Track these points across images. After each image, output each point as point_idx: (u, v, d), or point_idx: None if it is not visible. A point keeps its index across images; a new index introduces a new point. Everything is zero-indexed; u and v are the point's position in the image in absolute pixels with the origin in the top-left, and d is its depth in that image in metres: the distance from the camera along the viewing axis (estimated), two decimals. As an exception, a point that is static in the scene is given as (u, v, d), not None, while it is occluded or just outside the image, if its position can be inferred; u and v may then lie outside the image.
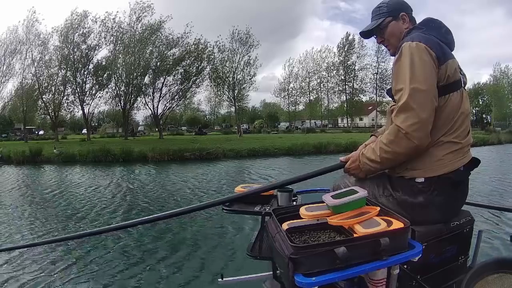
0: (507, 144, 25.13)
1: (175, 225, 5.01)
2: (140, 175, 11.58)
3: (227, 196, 1.37)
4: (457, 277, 1.20)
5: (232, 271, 3.40)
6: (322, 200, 1.07)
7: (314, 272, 0.80)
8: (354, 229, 0.90)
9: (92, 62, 28.73)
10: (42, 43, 27.95)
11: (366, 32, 1.34)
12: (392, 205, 1.14)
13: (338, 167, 1.29)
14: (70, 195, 8.02)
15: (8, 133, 37.05)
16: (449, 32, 1.23)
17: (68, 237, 3.19)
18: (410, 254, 0.87)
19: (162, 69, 29.81)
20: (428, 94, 1.07)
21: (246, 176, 11.02)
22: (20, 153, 15.93)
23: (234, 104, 32.65)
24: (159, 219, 1.50)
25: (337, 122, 52.40)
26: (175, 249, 4.19)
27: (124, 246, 4.27)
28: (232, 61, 31.09)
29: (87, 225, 5.37)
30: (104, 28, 28.63)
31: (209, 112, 59.37)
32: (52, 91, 28.63)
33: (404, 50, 1.12)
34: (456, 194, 1.17)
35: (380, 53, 39.21)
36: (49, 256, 3.88)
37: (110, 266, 3.66)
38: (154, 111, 31.71)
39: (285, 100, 49.13)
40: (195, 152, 16.40)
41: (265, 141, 21.54)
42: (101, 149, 16.00)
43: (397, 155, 1.10)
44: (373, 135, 1.44)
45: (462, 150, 1.15)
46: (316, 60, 46.09)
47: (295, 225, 1.00)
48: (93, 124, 44.43)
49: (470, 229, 1.23)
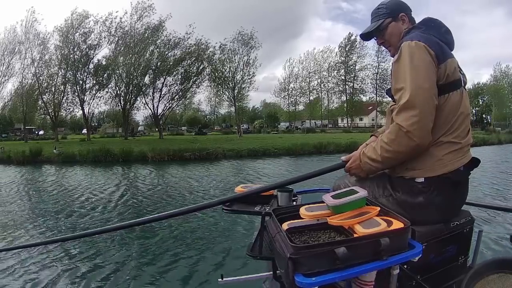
0: (507, 144, 25.13)
1: (175, 225, 5.01)
2: (140, 175, 11.57)
3: (227, 196, 1.37)
4: (457, 277, 1.20)
5: (232, 271, 3.39)
6: (322, 200, 1.07)
7: (314, 272, 0.80)
8: (354, 229, 0.90)
9: (92, 62, 28.78)
10: (42, 43, 27.95)
11: (366, 34, 1.35)
12: (392, 205, 1.14)
13: (339, 166, 1.29)
14: (70, 195, 8.01)
15: (8, 133, 37.08)
16: (449, 31, 1.23)
17: (68, 237, 3.18)
18: (410, 254, 0.87)
19: (162, 69, 29.81)
20: (428, 92, 1.07)
21: (246, 176, 11.02)
22: (20, 153, 15.93)
23: (234, 104, 32.65)
24: (159, 219, 1.51)
25: (337, 122, 52.40)
26: (175, 249, 4.18)
27: (124, 246, 4.27)
28: (232, 61, 31.10)
29: (87, 225, 5.37)
30: (105, 28, 28.70)
31: (209, 112, 59.49)
32: (52, 91, 28.64)
33: (404, 49, 1.12)
34: (456, 194, 1.17)
35: (380, 53, 39.26)
36: (49, 256, 3.88)
37: (109, 266, 3.66)
38: (154, 111, 31.74)
39: (285, 100, 49.23)
40: (195, 152, 16.39)
41: (265, 141, 21.54)
42: (101, 149, 15.98)
43: (398, 154, 1.10)
44: (373, 135, 1.44)
45: (462, 150, 1.14)
46: (317, 60, 46.20)
47: (295, 225, 1.00)
48: (93, 124, 44.43)
49: (470, 229, 1.23)
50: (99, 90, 29.60)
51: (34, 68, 27.86)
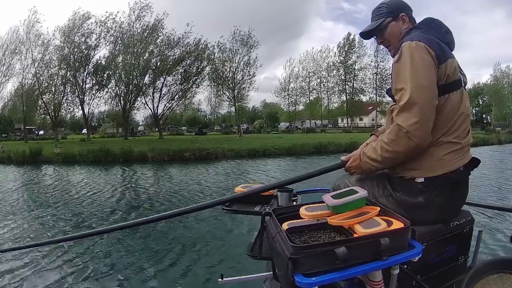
0: (507, 144, 25.12)
1: (175, 225, 5.01)
2: (140, 175, 11.57)
3: (227, 196, 1.38)
4: (457, 277, 1.21)
5: (232, 271, 3.39)
6: (322, 200, 1.07)
7: (314, 272, 0.80)
8: (354, 229, 0.90)
9: (92, 62, 28.76)
10: (43, 43, 27.97)
11: (366, 33, 1.34)
12: (392, 205, 1.14)
13: (339, 166, 1.29)
14: (70, 195, 8.01)
15: (8, 133, 37.06)
16: (449, 32, 1.23)
17: (68, 237, 3.19)
18: (410, 254, 0.87)
19: (162, 69, 29.81)
20: (429, 93, 1.07)
21: (246, 176, 11.02)
22: (20, 153, 15.93)
23: (234, 104, 32.65)
24: (159, 219, 1.51)
25: (337, 122, 52.39)
26: (175, 249, 4.18)
27: (124, 246, 4.27)
28: (232, 61, 31.11)
29: (87, 225, 5.37)
30: (105, 28, 28.67)
31: (209, 112, 59.49)
32: (52, 91, 28.62)
33: (404, 49, 1.12)
34: (456, 194, 1.17)
35: (379, 53, 39.27)
36: (49, 257, 3.88)
37: (109, 266, 3.66)
38: (154, 111, 31.74)
39: (285, 100, 49.23)
40: (195, 152, 16.37)
41: (265, 141, 21.53)
42: (101, 149, 15.97)
43: (398, 154, 1.10)
44: (373, 134, 1.44)
45: (462, 150, 1.15)
46: (316, 60, 46.21)
47: (295, 225, 1.00)
48: (93, 124, 44.47)
49: (470, 229, 1.23)
50: (99, 90, 29.63)
51: (34, 68, 27.89)
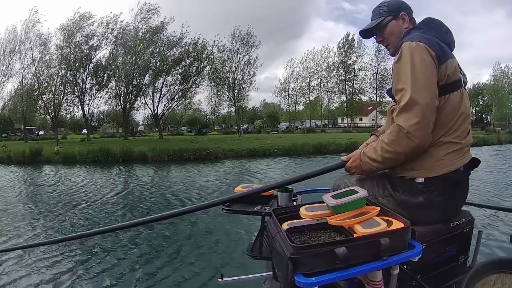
0: (507, 144, 25.12)
1: (175, 225, 5.01)
2: (140, 175, 11.57)
3: (227, 196, 1.37)
4: (457, 277, 1.21)
5: (232, 271, 3.39)
6: (322, 200, 1.07)
7: (314, 272, 0.80)
8: (354, 229, 0.90)
9: (92, 62, 28.72)
10: (43, 43, 27.92)
11: (366, 31, 1.34)
12: (392, 205, 1.14)
13: (339, 166, 1.29)
14: (70, 195, 8.01)
15: (8, 133, 37.07)
16: (449, 32, 1.23)
17: (68, 237, 3.18)
18: (410, 254, 0.87)
19: (162, 69, 29.79)
20: (429, 93, 1.07)
21: (246, 176, 11.01)
22: (20, 153, 15.92)
23: (234, 104, 32.63)
24: (159, 219, 1.51)
25: (337, 122, 52.39)
26: (175, 249, 4.18)
27: (124, 246, 4.27)
28: (232, 61, 31.08)
29: (87, 225, 5.37)
30: (108, 30, 28.60)
31: (209, 112, 59.49)
32: (52, 91, 28.59)
33: (404, 49, 1.11)
34: (456, 194, 1.17)
35: (379, 52, 39.28)
36: (49, 257, 3.87)
37: (109, 266, 3.66)
38: (154, 111, 31.73)
39: (285, 100, 49.24)
40: (195, 152, 16.37)
41: (265, 141, 21.52)
42: (101, 149, 15.96)
43: (398, 154, 1.10)
44: (373, 134, 1.44)
45: (462, 150, 1.15)
46: (316, 60, 46.22)
47: (295, 225, 1.00)
48: (93, 124, 44.49)
49: (470, 229, 1.23)
50: (99, 90, 29.59)
51: (34, 68, 27.85)
